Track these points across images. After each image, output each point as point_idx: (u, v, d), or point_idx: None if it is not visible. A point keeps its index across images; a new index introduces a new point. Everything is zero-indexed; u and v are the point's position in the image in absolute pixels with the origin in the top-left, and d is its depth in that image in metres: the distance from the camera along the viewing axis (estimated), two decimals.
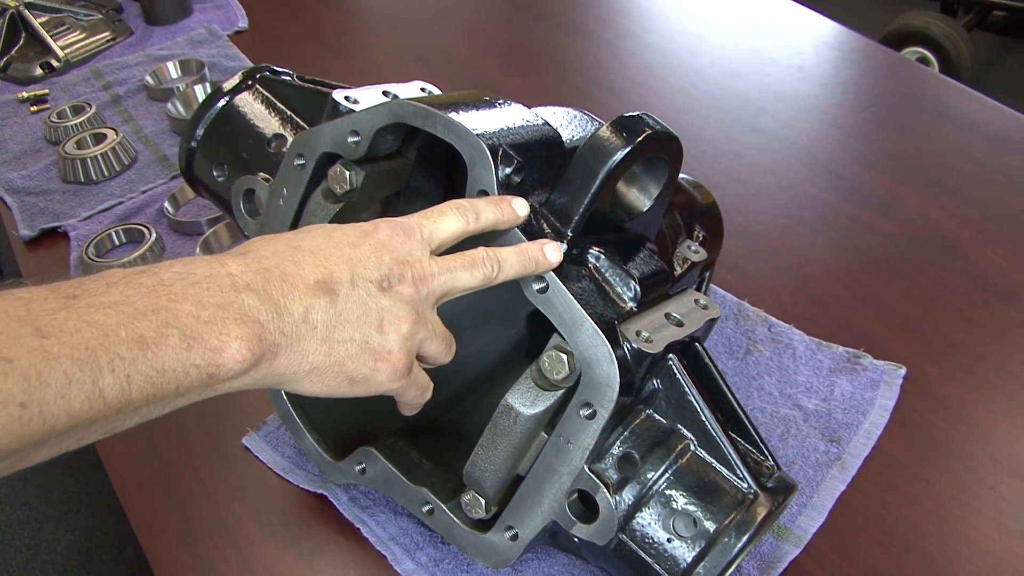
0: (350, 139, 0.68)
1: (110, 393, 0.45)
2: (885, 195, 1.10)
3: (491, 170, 0.62)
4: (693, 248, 0.81)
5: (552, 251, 0.61)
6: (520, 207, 0.62)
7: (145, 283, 0.48)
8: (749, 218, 1.08)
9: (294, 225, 0.73)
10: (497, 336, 0.89)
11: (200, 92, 1.42)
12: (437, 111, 0.64)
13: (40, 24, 1.66)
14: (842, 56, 1.40)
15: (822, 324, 0.93)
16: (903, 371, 0.86)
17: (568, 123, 0.74)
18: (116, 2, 1.81)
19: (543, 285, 0.61)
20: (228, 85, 0.81)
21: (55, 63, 1.62)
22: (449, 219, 0.61)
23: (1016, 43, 3.30)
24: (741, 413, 0.68)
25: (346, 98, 0.71)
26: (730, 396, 0.68)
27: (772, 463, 0.67)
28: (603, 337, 0.59)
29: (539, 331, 0.79)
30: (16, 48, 1.65)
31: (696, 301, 0.70)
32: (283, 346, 0.52)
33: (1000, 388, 0.85)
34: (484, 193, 0.63)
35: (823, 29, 1.47)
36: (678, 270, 0.77)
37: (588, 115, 0.77)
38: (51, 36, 1.65)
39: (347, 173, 0.69)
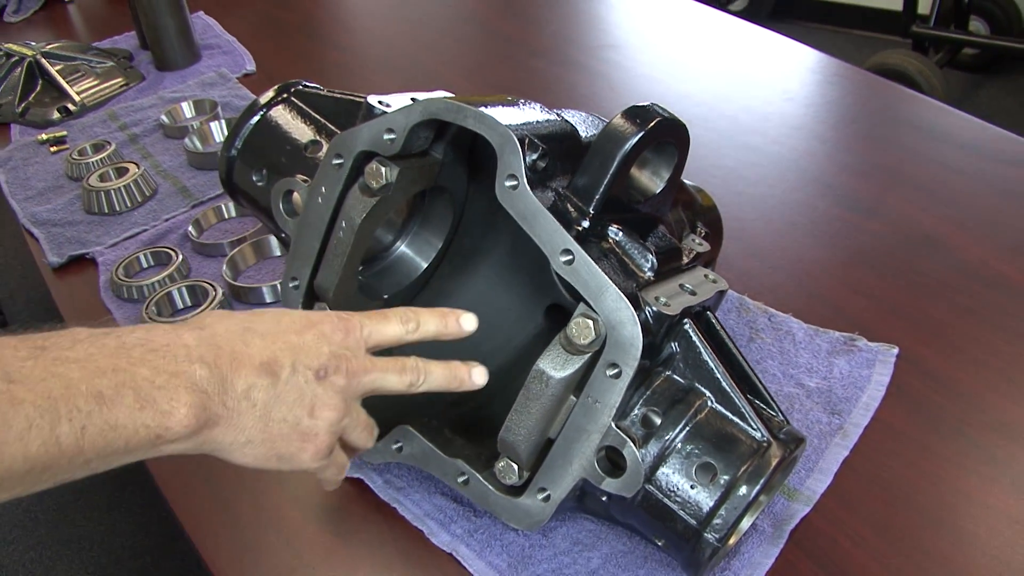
0: (386, 136, 0.75)
1: (65, 441, 0.49)
2: (871, 200, 1.18)
3: (519, 156, 0.68)
4: (697, 241, 0.87)
5: (479, 375, 0.71)
6: (468, 323, 0.72)
7: (108, 344, 0.54)
8: (745, 224, 1.15)
9: (332, 221, 0.79)
10: (518, 331, 0.95)
11: (216, 128, 1.49)
12: (467, 106, 0.71)
13: (56, 71, 1.74)
14: (824, 79, 1.49)
15: (818, 313, 0.99)
16: (896, 350, 0.93)
17: (582, 122, 0.81)
18: (127, 50, 1.89)
19: (570, 257, 0.68)
20: (264, 99, 0.88)
21: (72, 107, 1.69)
22: (391, 325, 0.68)
23: (985, 80, 3.43)
24: (752, 374, 0.74)
25: (380, 102, 0.78)
26: (741, 359, 0.74)
27: (782, 418, 0.73)
28: (626, 300, 0.65)
29: (557, 325, 0.85)
30: (34, 94, 1.72)
31: (706, 275, 0.77)
32: (224, 418, 0.58)
33: (986, 363, 0.92)
34: (513, 178, 0.69)
35: (805, 56, 1.57)
36: (685, 260, 0.83)
37: (598, 116, 0.84)
38: (67, 82, 1.73)
39: (383, 169, 0.76)
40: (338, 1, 2.16)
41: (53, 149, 1.57)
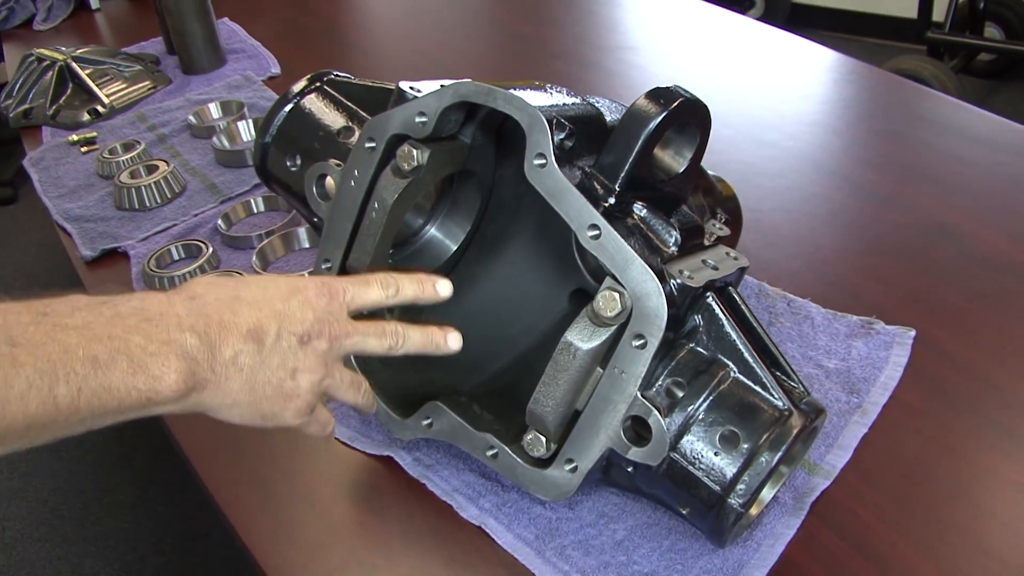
0: (418, 119, 0.78)
1: (63, 401, 0.53)
2: (886, 191, 1.20)
3: (548, 135, 0.71)
4: (718, 226, 0.90)
5: (454, 340, 0.75)
6: (443, 288, 0.75)
7: (105, 312, 0.58)
8: (763, 215, 1.18)
9: (364, 204, 0.82)
10: (543, 315, 0.97)
11: (243, 127, 1.53)
12: (497, 88, 0.73)
13: (86, 75, 1.78)
14: (840, 77, 1.52)
15: (836, 299, 1.02)
16: (913, 333, 0.95)
17: (605, 108, 0.84)
18: (154, 55, 1.94)
19: (596, 232, 0.70)
20: (296, 88, 0.91)
21: (101, 109, 1.73)
22: (372, 290, 0.72)
23: (1000, 86, 3.45)
24: (772, 347, 0.76)
25: (411, 87, 0.81)
26: (762, 332, 0.76)
27: (803, 389, 0.75)
28: (651, 272, 0.68)
29: (581, 309, 0.87)
30: (64, 97, 1.76)
31: (727, 253, 0.79)
32: (212, 382, 0.62)
33: (1003, 345, 0.94)
34: (542, 157, 0.72)
35: (820, 56, 1.59)
36: (706, 243, 0.86)
37: (620, 103, 0.87)
38: (96, 85, 1.77)
39: (415, 151, 0.78)
40: (360, 6, 2.20)
41: (84, 149, 1.61)
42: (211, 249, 1.24)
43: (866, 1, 3.92)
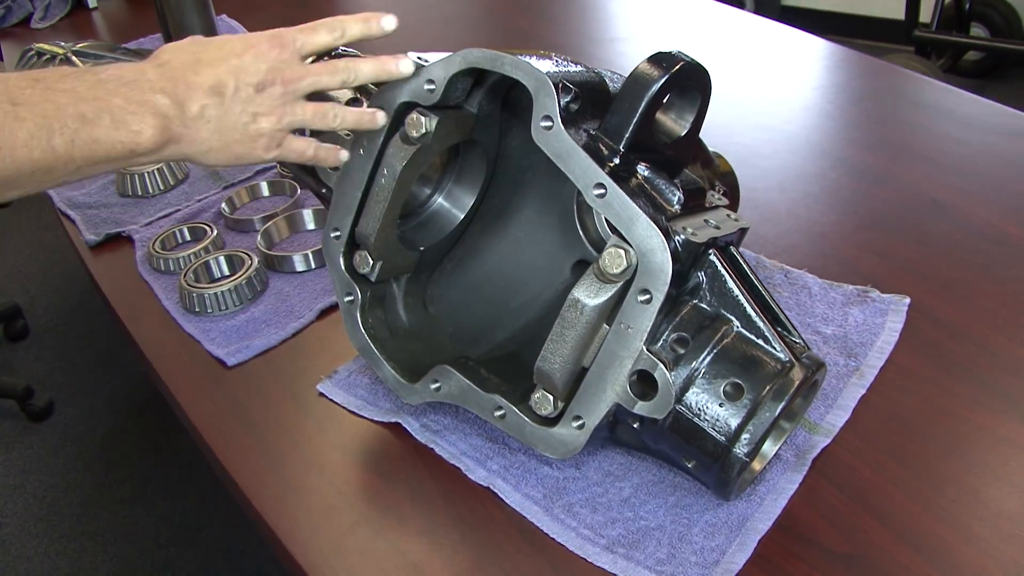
0: (426, 87, 0.80)
1: (59, 150, 0.65)
2: (879, 170, 1.22)
3: (554, 98, 0.73)
4: (717, 196, 0.92)
5: (406, 64, 0.79)
6: (388, 22, 0.80)
7: (88, 79, 0.68)
8: (759, 194, 1.20)
9: (373, 171, 0.84)
10: (546, 286, 0.99)
11: None
12: (505, 54, 0.76)
13: None
14: (833, 64, 1.55)
15: (832, 270, 1.04)
16: (908, 300, 0.97)
17: (608, 77, 0.86)
18: (151, 51, 1.95)
19: (602, 191, 0.72)
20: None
21: None
22: (320, 35, 0.78)
23: (988, 85, 3.49)
24: (773, 303, 0.78)
25: (419, 57, 0.83)
26: (763, 289, 0.78)
27: (803, 344, 0.77)
28: (655, 228, 0.70)
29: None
30: None
31: (728, 215, 0.81)
32: (185, 135, 0.72)
33: (996, 312, 0.96)
34: (548, 119, 0.74)
35: (811, 44, 1.62)
36: (707, 205, 0.87)
37: (622, 74, 0.89)
38: None
39: (423, 119, 0.80)
40: (357, 1, 2.22)
41: None
42: (216, 231, 1.25)
43: (855, 3, 3.97)
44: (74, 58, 1.78)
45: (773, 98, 1.45)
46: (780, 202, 1.18)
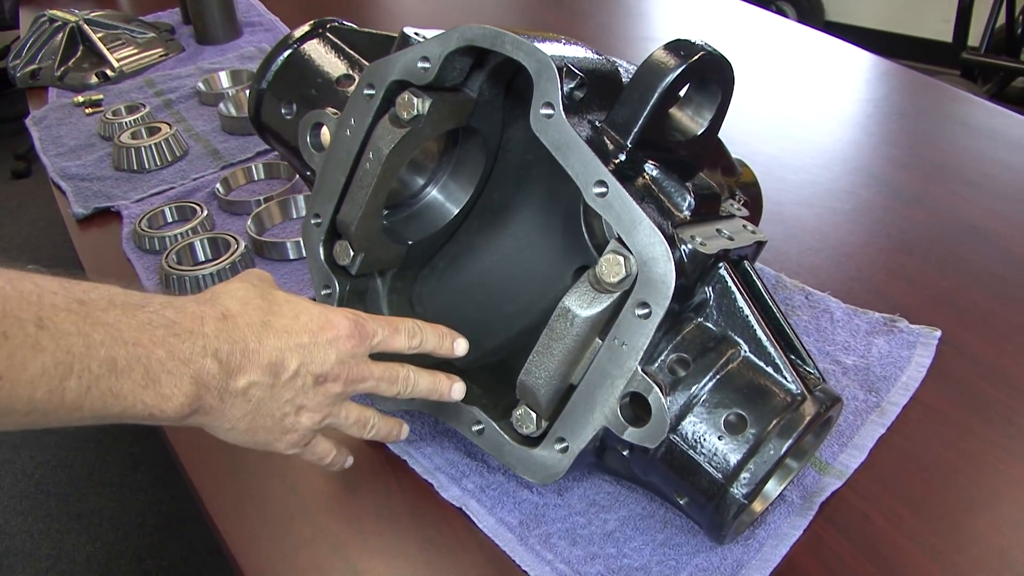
0: (420, 64, 0.72)
1: (69, 395, 0.51)
2: (915, 190, 1.14)
3: (556, 83, 0.65)
4: (736, 206, 0.84)
5: (458, 391, 0.73)
6: (460, 347, 0.74)
7: (138, 316, 0.56)
8: (785, 208, 1.12)
9: (359, 155, 0.77)
10: (544, 293, 0.91)
11: None
12: (506, 32, 0.68)
13: (97, 38, 1.74)
14: (874, 77, 1.46)
15: (858, 295, 0.95)
16: (938, 333, 0.88)
17: (624, 70, 0.78)
18: (169, 24, 1.89)
19: (603, 190, 0.64)
20: (298, 32, 0.86)
21: (110, 72, 1.69)
22: (399, 338, 0.70)
23: None
24: (788, 328, 0.70)
25: (415, 32, 0.76)
26: (777, 311, 0.70)
27: (818, 375, 0.69)
28: (660, 234, 0.62)
29: None
30: (73, 59, 1.72)
31: (744, 225, 0.73)
32: (217, 409, 0.60)
33: None
34: (549, 107, 0.66)
35: (854, 55, 1.53)
36: (723, 214, 0.79)
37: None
38: (107, 49, 1.73)
39: (415, 100, 0.73)
40: None
41: (88, 111, 1.57)
42: (206, 212, 1.18)
43: (902, 22, 3.86)
44: (85, 27, 1.73)
45: (807, 108, 1.36)
46: (806, 218, 1.10)
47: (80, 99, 1.60)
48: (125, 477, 2.11)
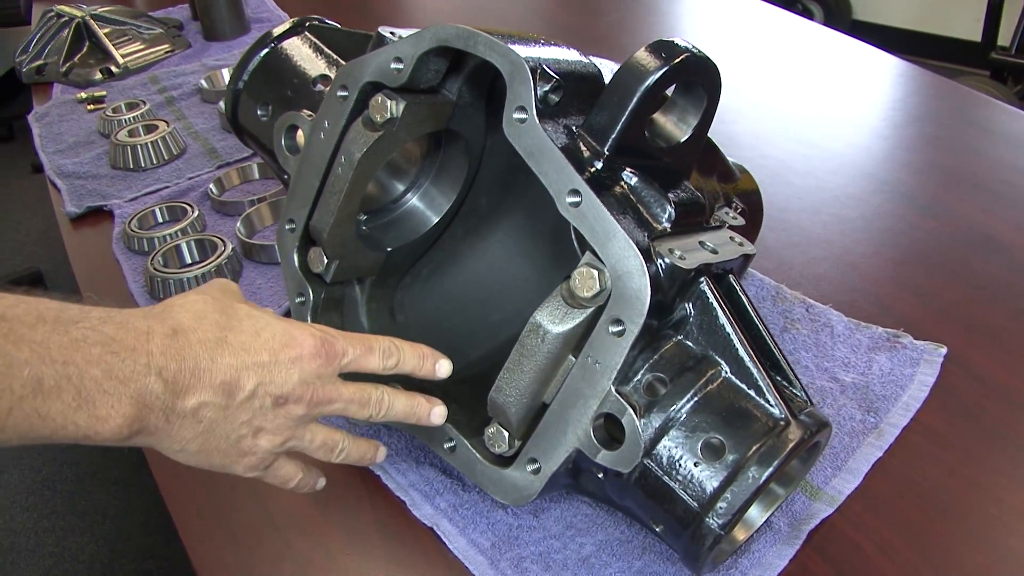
0: (393, 66, 0.69)
1: None
2: (928, 198, 1.09)
3: (529, 86, 0.62)
4: (732, 215, 0.80)
5: (437, 415, 0.68)
6: (442, 369, 0.69)
7: (71, 333, 0.51)
8: (789, 215, 1.07)
9: (332, 158, 0.73)
10: (530, 302, 0.86)
11: None
12: (479, 32, 0.65)
13: (104, 34, 1.72)
14: (891, 79, 1.41)
15: (861, 308, 0.91)
16: (944, 350, 0.84)
17: (609, 71, 0.75)
18: (177, 20, 1.88)
19: (577, 199, 0.61)
20: (277, 31, 0.83)
21: (115, 69, 1.67)
22: (373, 358, 0.65)
23: None
24: (774, 348, 0.66)
25: (391, 32, 0.72)
26: (763, 330, 0.66)
27: (805, 398, 0.65)
28: (635, 248, 0.58)
29: None
30: (79, 55, 1.71)
31: (731, 237, 0.69)
32: (163, 430, 0.56)
33: None
34: (522, 111, 0.63)
35: (872, 56, 1.48)
36: (712, 223, 0.76)
37: None
38: (113, 45, 1.71)
39: (389, 102, 0.70)
40: None
41: (90, 107, 1.55)
42: (196, 212, 1.16)
43: (931, 21, 3.78)
44: (91, 23, 1.72)
45: (820, 110, 1.31)
46: (811, 225, 1.05)
47: (83, 95, 1.58)
48: (131, 475, 2.10)
